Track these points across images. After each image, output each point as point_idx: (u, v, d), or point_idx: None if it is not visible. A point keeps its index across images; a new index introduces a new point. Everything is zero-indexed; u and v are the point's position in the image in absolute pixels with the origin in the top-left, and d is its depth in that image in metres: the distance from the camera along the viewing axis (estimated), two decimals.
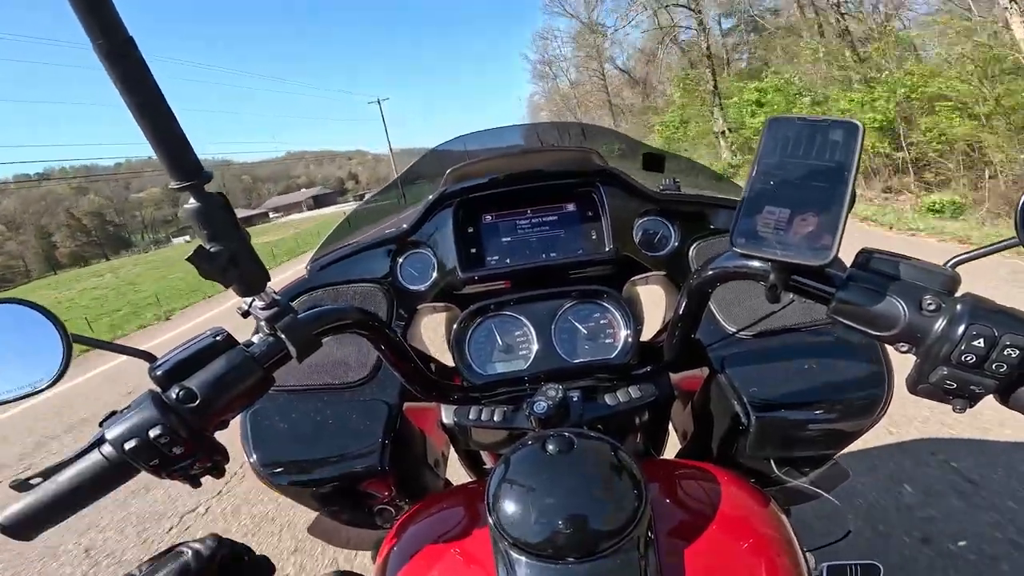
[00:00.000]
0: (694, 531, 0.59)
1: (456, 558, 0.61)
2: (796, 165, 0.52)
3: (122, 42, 0.42)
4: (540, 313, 0.90)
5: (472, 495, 0.71)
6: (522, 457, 0.58)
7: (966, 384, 0.47)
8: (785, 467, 0.80)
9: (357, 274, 0.99)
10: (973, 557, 1.74)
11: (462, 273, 0.94)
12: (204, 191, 0.48)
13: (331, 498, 0.81)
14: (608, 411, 0.79)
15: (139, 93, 0.44)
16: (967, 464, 2.16)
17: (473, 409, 0.82)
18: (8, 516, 0.48)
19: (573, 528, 0.51)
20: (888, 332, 0.50)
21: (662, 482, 0.67)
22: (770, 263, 0.53)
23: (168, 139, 0.46)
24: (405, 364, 0.73)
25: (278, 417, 0.81)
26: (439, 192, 0.98)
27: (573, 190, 0.99)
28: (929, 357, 0.48)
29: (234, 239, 0.50)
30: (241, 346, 0.55)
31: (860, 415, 0.76)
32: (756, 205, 0.53)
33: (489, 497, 0.56)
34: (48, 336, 0.54)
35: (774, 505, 0.67)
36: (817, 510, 1.18)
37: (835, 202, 0.50)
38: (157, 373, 0.51)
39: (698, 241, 0.97)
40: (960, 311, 0.46)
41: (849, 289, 0.51)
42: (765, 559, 0.58)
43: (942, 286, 0.49)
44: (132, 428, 0.48)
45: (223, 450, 0.55)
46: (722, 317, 0.85)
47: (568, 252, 0.96)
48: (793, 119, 0.54)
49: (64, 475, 0.49)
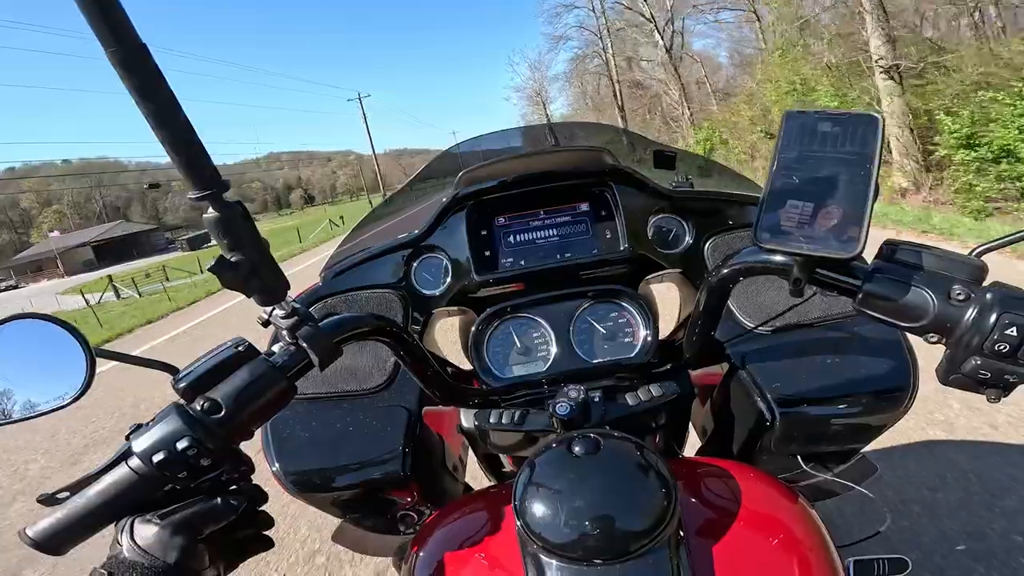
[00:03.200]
0: (724, 529, 0.58)
1: (483, 562, 0.60)
2: (817, 159, 0.52)
3: (135, 49, 0.41)
4: (557, 314, 0.89)
5: (496, 499, 0.71)
6: (548, 459, 0.58)
7: (1000, 373, 0.46)
8: (811, 462, 0.79)
9: (371, 280, 0.98)
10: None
11: (477, 276, 0.94)
12: (223, 200, 0.48)
13: (354, 505, 0.81)
14: (629, 411, 0.78)
15: (154, 101, 0.43)
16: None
17: (493, 412, 0.81)
18: (38, 531, 0.48)
19: (603, 529, 0.51)
20: (917, 323, 0.49)
21: (689, 481, 0.66)
22: (793, 257, 0.52)
23: (185, 149, 0.45)
24: (424, 369, 0.72)
25: (299, 426, 0.81)
26: (452, 195, 0.98)
27: (586, 190, 0.98)
28: (960, 347, 0.47)
29: (254, 248, 0.50)
30: (263, 356, 0.55)
31: (885, 408, 0.75)
32: (778, 200, 0.53)
33: (516, 500, 0.55)
34: (72, 351, 0.54)
35: (803, 501, 0.66)
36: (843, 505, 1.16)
37: (859, 194, 0.50)
38: (181, 385, 0.51)
39: (713, 238, 0.96)
40: (990, 299, 0.45)
41: (876, 281, 0.50)
42: (797, 555, 0.57)
43: (969, 275, 0.49)
44: (160, 441, 0.48)
45: (248, 461, 0.55)
46: (740, 313, 0.85)
47: (583, 252, 0.95)
48: (811, 113, 0.54)
49: (93, 489, 0.49)
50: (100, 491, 0.49)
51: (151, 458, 0.48)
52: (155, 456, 0.48)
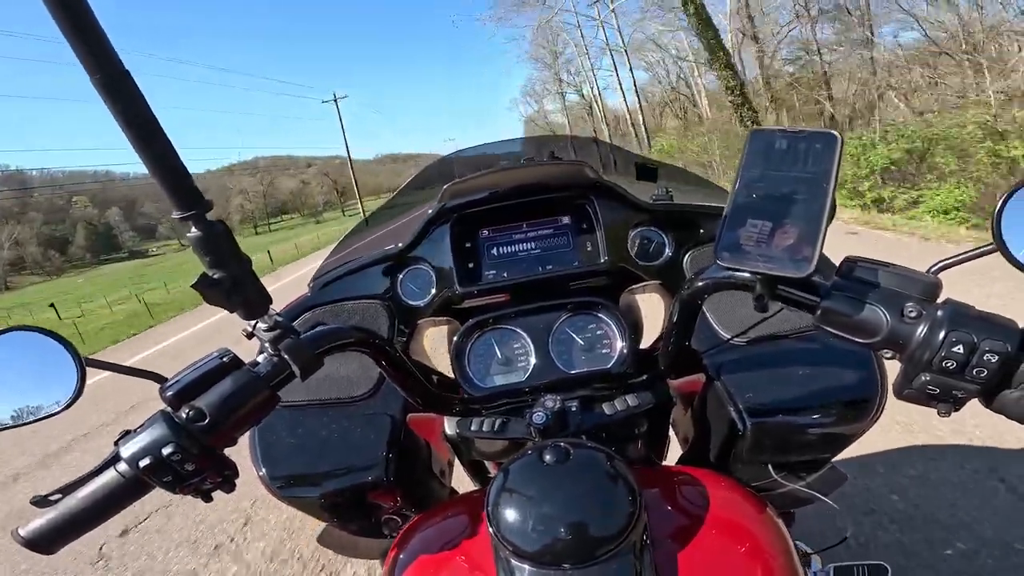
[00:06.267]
0: (689, 536, 0.60)
1: (460, 565, 0.62)
2: (777, 177, 0.53)
3: (118, 75, 0.43)
4: (537, 326, 0.91)
5: (474, 504, 0.73)
6: (520, 467, 0.60)
7: (949, 389, 0.47)
8: (782, 472, 0.81)
9: (358, 291, 1.01)
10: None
11: (461, 288, 0.96)
12: (206, 220, 0.50)
13: (339, 509, 0.83)
14: (606, 419, 0.80)
15: (137, 125, 0.45)
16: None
17: (475, 420, 0.84)
18: (31, 531, 0.50)
19: (570, 535, 0.53)
20: (872, 339, 0.51)
21: (657, 489, 0.68)
22: (755, 275, 0.54)
23: (168, 170, 0.47)
24: (406, 379, 0.75)
25: (286, 432, 0.83)
26: (437, 208, 1.00)
27: (568, 203, 1.00)
28: (912, 363, 0.48)
29: (237, 265, 0.52)
30: (247, 366, 0.57)
31: (855, 419, 0.77)
32: (739, 218, 0.54)
33: (489, 506, 0.57)
34: (62, 361, 0.57)
35: (770, 509, 0.68)
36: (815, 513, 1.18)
37: (815, 213, 0.51)
38: (168, 394, 0.53)
39: (692, 250, 0.98)
40: (940, 317, 0.47)
41: (833, 298, 0.52)
42: (760, 562, 0.59)
43: (923, 292, 0.50)
44: (146, 447, 0.50)
45: (232, 465, 0.57)
46: (717, 324, 0.87)
47: (564, 264, 0.97)
48: (774, 131, 0.55)
49: (82, 492, 0.51)
50: (89, 494, 0.51)
51: (138, 463, 0.50)
52: (141, 461, 0.50)
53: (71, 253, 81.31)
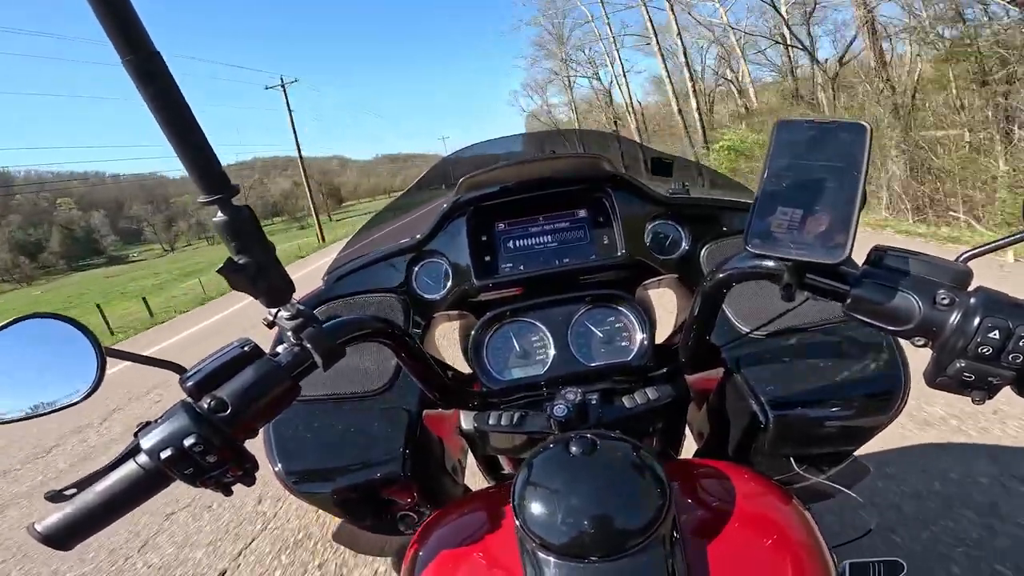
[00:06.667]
0: (719, 529, 0.59)
1: (481, 561, 0.61)
2: (806, 166, 0.53)
3: (149, 56, 0.43)
4: (556, 318, 0.91)
5: (494, 499, 0.72)
6: (546, 459, 0.59)
7: (984, 376, 0.47)
8: (804, 464, 0.80)
9: (373, 284, 1.00)
10: None
11: (477, 281, 0.95)
12: (232, 204, 0.49)
13: (354, 505, 0.82)
14: (626, 413, 0.80)
15: (168, 108, 0.45)
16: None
17: (492, 414, 0.83)
18: (47, 526, 0.48)
19: (599, 527, 0.52)
20: (904, 327, 0.50)
21: (684, 481, 0.68)
22: (783, 263, 0.53)
23: (196, 154, 0.47)
24: (425, 371, 0.74)
25: (301, 427, 0.83)
26: (452, 201, 0.99)
27: (584, 196, 1.00)
28: (945, 350, 0.48)
29: (262, 251, 0.52)
30: (268, 356, 0.56)
31: (878, 411, 0.76)
32: (769, 206, 0.54)
33: (515, 499, 0.57)
34: (83, 349, 0.56)
35: (796, 502, 0.67)
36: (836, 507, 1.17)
37: (847, 201, 0.51)
38: (188, 384, 0.52)
39: (709, 243, 0.98)
40: (974, 304, 0.47)
41: (864, 286, 0.51)
42: (791, 555, 0.58)
43: (954, 280, 0.50)
44: (167, 438, 0.49)
45: (252, 458, 0.56)
46: (735, 318, 0.86)
47: (581, 257, 0.97)
48: (801, 122, 0.55)
49: (100, 485, 0.50)
50: (107, 487, 0.49)
51: (159, 455, 0.49)
52: (163, 453, 0.49)
53: (42, 259, 72.88)
